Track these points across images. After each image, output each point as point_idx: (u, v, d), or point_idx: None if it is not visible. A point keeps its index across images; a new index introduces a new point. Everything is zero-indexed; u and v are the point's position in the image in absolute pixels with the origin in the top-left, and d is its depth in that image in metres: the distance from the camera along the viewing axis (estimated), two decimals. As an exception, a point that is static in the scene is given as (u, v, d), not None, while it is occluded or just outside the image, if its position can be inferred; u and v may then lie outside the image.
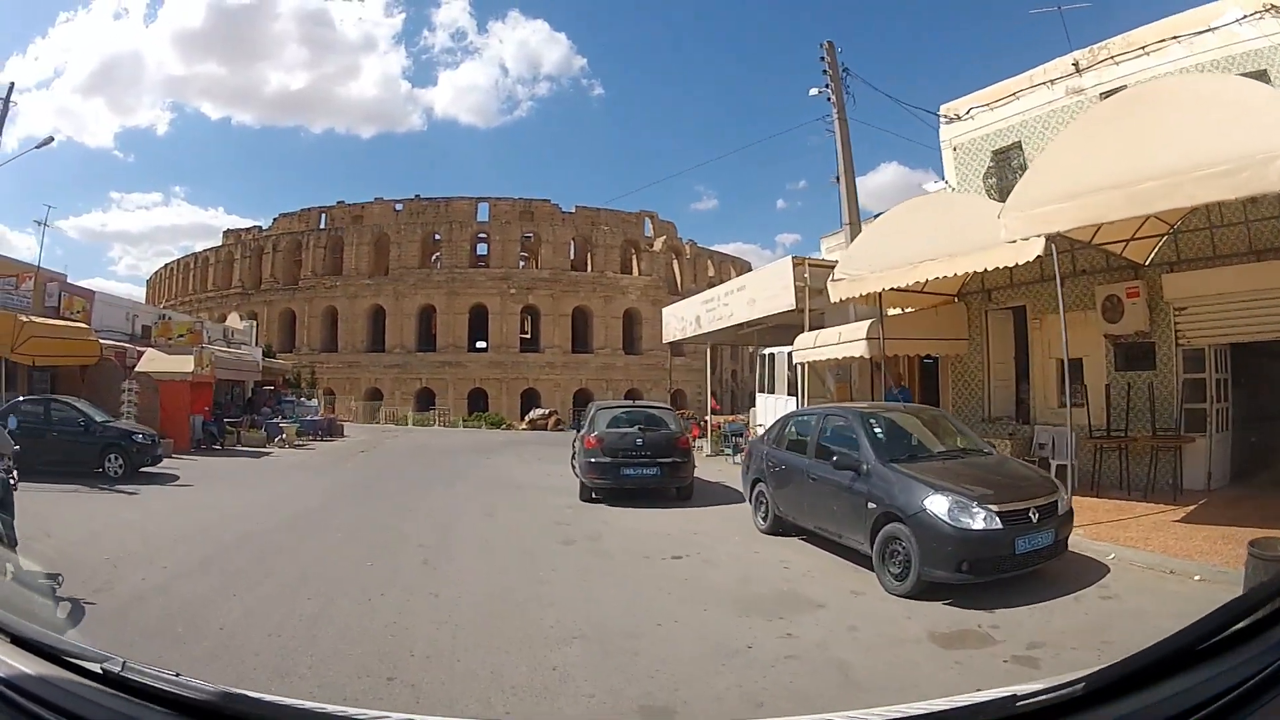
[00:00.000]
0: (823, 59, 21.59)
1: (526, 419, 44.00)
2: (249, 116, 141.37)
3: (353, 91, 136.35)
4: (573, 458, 15.82)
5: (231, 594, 7.42)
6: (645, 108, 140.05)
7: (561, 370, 61.45)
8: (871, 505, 8.02)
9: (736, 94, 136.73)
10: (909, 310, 16.60)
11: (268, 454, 23.98)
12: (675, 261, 70.06)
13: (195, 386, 24.02)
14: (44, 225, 31.51)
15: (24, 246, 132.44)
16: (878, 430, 9.20)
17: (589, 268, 66.02)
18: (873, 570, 7.93)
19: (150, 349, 25.72)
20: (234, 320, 40.86)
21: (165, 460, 18.24)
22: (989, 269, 11.94)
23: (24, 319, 21.12)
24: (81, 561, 8.39)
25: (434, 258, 66.26)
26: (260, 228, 73.13)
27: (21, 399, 18.15)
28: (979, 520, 7.15)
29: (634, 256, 68.23)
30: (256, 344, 38.36)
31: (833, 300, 14.92)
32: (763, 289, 19.24)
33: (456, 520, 12.30)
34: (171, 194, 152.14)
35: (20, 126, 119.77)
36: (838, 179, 21.55)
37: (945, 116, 19.10)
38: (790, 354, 18.45)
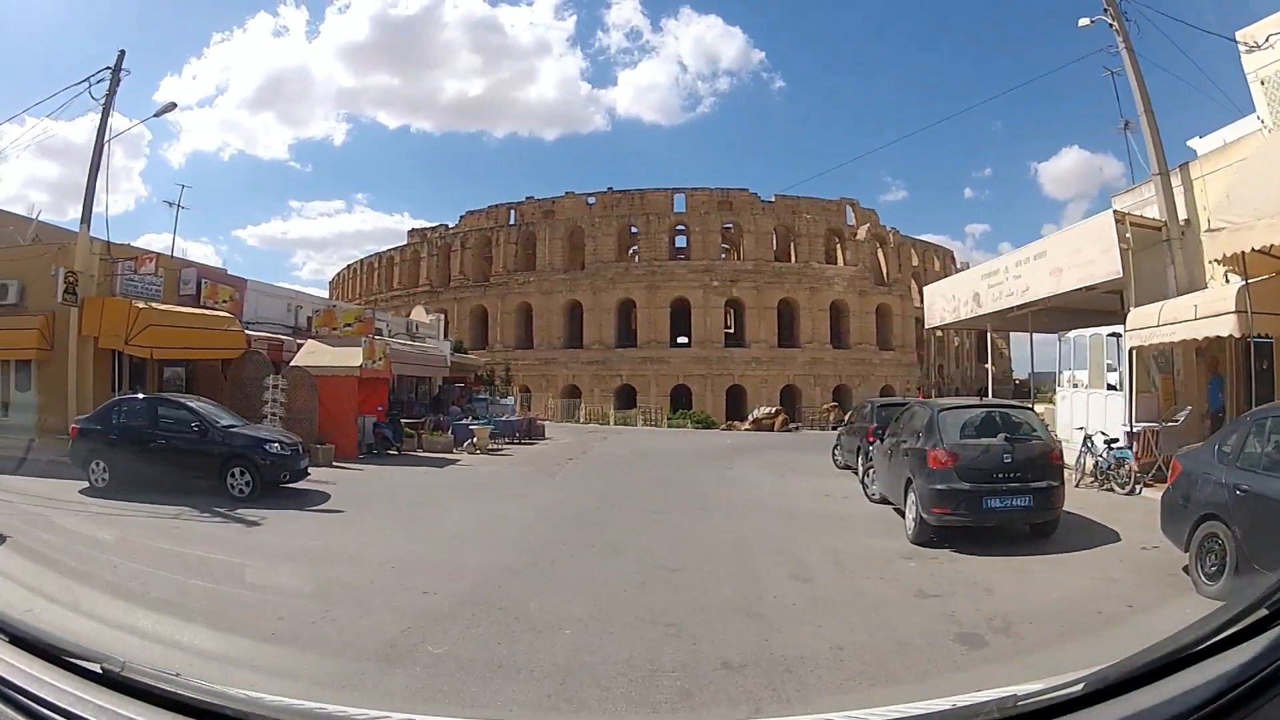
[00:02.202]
0: (1092, -22, 18.08)
1: (750, 418, 39.21)
2: (428, 124, 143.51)
3: (531, 95, 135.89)
4: (864, 474, 12.82)
5: None
6: (829, 98, 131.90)
7: (768, 366, 56.97)
8: None
9: (920, 78, 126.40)
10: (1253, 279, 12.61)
11: (454, 461, 19.80)
12: (879, 250, 64.68)
13: (365, 382, 20.01)
14: (178, 206, 29.13)
15: (201, 255, 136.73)
16: None
17: (792, 258, 61.76)
18: None
19: (310, 340, 21.98)
20: (419, 313, 37.17)
21: (321, 469, 14.89)
22: None
23: (140, 305, 17.90)
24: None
25: (630, 251, 63.38)
26: (447, 226, 71.79)
27: (124, 397, 14.88)
28: None
29: (838, 246, 63.41)
30: (444, 338, 34.86)
31: (1210, 258, 12.90)
32: (1072, 255, 16.11)
33: (758, 596, 7.13)
34: (354, 201, 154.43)
35: (184, 142, 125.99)
36: (1126, 125, 19.40)
37: (1244, 44, 15.76)
38: (1109, 336, 15.77)
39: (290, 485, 13.06)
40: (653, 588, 7.46)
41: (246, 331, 20.57)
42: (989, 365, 70.35)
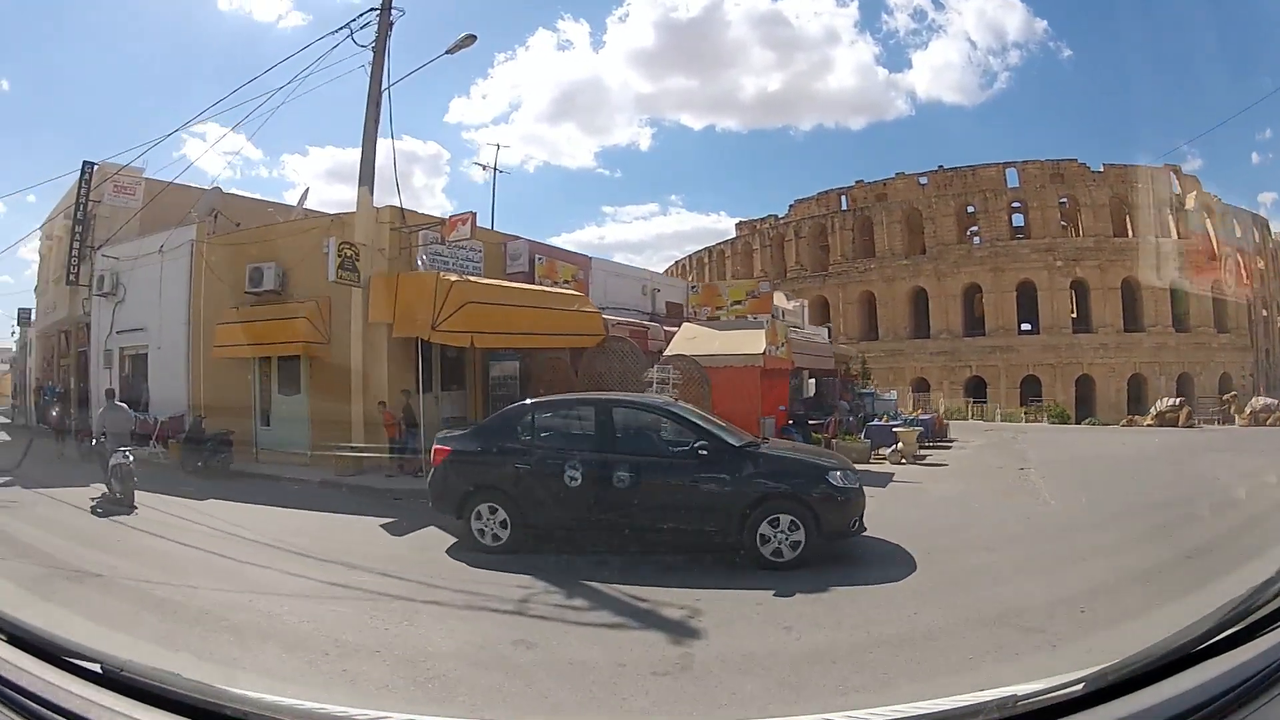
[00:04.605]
0: None
1: (1153, 412, 36.66)
2: (733, 122, 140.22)
3: (831, 85, 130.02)
4: None
5: None
6: (1120, 62, 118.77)
7: (1114, 353, 50.33)
8: None
9: (1214, 28, 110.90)
10: None
11: (888, 476, 14.65)
12: (1207, 220, 55.00)
13: (765, 375, 15.57)
14: (494, 170, 27.94)
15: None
16: None
17: (1128, 232, 54.22)
18: None
19: (686, 324, 17.59)
20: (780, 299, 36.26)
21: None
22: None
23: (452, 278, 13.50)
24: None
25: (969, 231, 57.87)
26: (776, 216, 68.72)
27: (540, 400, 9.88)
28: None
29: (1170, 217, 54.99)
30: (807, 325, 30.96)
31: None
32: None
33: None
34: (668, 202, 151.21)
35: (485, 158, 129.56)
36: None
37: None
38: None
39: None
40: None
41: (603, 315, 16.51)
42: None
